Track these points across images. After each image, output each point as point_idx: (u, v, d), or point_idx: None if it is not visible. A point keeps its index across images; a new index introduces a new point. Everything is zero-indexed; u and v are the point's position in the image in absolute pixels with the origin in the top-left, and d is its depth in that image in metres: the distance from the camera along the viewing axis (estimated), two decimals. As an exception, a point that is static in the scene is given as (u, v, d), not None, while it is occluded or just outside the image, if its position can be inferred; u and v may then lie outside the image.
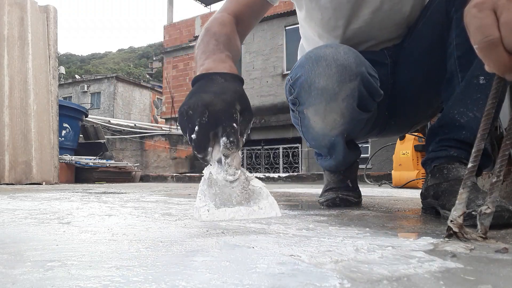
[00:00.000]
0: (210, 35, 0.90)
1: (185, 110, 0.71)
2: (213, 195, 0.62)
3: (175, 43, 12.40)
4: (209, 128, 0.69)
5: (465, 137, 0.87)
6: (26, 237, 0.62)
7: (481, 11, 0.48)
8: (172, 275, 0.39)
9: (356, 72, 0.91)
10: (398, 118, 1.20)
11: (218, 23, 0.95)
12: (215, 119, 0.69)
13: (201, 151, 0.70)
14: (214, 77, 0.74)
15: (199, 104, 0.69)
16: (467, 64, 0.88)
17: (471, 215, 0.64)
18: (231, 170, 0.66)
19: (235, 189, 0.63)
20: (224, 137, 0.68)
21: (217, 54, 0.82)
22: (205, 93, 0.71)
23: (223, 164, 0.66)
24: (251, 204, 0.61)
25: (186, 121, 0.71)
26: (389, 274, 0.39)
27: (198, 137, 0.69)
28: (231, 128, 0.69)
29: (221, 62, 0.79)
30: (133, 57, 51.47)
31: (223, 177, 0.65)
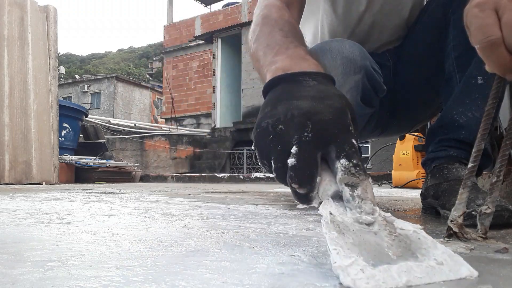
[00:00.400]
0: (271, 24, 0.70)
1: (271, 124, 0.47)
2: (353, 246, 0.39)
3: (175, 43, 12.40)
4: (316, 147, 0.45)
5: (465, 137, 0.87)
6: (26, 237, 0.62)
7: (483, 11, 0.48)
8: (172, 275, 0.39)
9: (361, 65, 0.91)
10: (399, 118, 1.21)
11: (276, 8, 0.75)
12: (323, 135, 0.45)
13: (306, 183, 0.44)
14: (302, 78, 0.52)
15: (295, 114, 0.46)
16: (465, 64, 0.88)
17: (471, 215, 0.64)
18: (367, 206, 0.43)
19: (380, 235, 0.41)
20: (344, 159, 0.44)
21: (291, 48, 0.60)
22: (300, 100, 0.47)
23: (350, 198, 0.43)
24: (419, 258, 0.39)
25: (272, 141, 0.46)
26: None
27: (301, 161, 0.44)
28: (350, 146, 0.45)
29: (301, 59, 0.57)
30: (133, 57, 51.47)
31: (354, 218, 0.42)
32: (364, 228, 0.42)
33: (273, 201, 1.54)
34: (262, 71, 0.61)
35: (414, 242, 0.41)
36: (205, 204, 1.34)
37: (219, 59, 9.62)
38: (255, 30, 0.72)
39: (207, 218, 0.89)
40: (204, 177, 5.61)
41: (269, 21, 0.71)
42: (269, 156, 0.48)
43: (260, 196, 1.92)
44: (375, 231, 0.42)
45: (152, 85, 26.60)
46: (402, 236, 0.42)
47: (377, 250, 0.40)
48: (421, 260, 0.39)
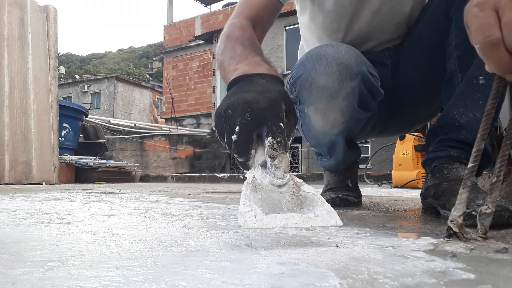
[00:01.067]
0: (233, 41, 0.85)
1: (223, 110, 0.63)
2: (259, 200, 0.54)
3: (175, 43, 12.40)
4: (252, 127, 0.62)
5: (465, 137, 0.87)
6: (26, 237, 0.62)
7: (483, 11, 0.48)
8: (172, 275, 0.39)
9: (357, 71, 0.91)
10: (399, 118, 1.21)
11: (238, 28, 0.91)
12: (259, 118, 0.61)
13: (242, 154, 0.61)
14: (254, 78, 0.68)
15: (240, 102, 0.62)
16: (466, 64, 0.88)
17: (471, 215, 0.64)
18: (279, 173, 0.57)
19: (284, 194, 0.56)
20: (270, 137, 0.60)
21: (250, 58, 0.76)
22: (246, 92, 0.63)
23: (270, 166, 0.58)
24: (304, 211, 0.54)
25: (224, 122, 0.63)
26: (389, 274, 0.39)
27: (240, 138, 0.61)
28: (277, 128, 0.61)
29: (257, 65, 0.73)
30: (133, 57, 51.46)
31: (270, 181, 0.57)
32: (274, 189, 0.57)
33: (273, 201, 1.54)
34: (227, 77, 0.75)
35: (309, 200, 0.56)
36: (205, 204, 1.34)
37: (219, 59, 9.61)
38: (221, 46, 0.87)
39: (207, 218, 0.89)
40: (204, 177, 5.61)
41: (232, 39, 0.87)
42: (223, 133, 0.64)
43: (260, 196, 1.92)
44: (282, 191, 0.56)
45: (152, 85, 26.61)
46: (301, 196, 0.57)
47: (275, 204, 0.54)
48: (305, 212, 0.55)
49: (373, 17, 1.06)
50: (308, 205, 0.55)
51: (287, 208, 0.53)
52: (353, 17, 1.06)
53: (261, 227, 0.49)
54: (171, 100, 11.66)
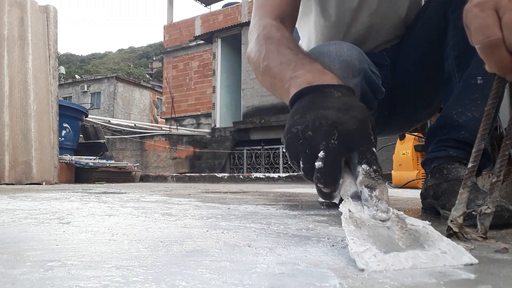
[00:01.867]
0: (275, 43, 0.75)
1: (301, 130, 0.53)
2: (368, 238, 0.45)
3: (175, 43, 12.40)
4: (340, 153, 0.52)
5: (464, 137, 0.87)
6: (26, 237, 0.62)
7: (483, 11, 0.48)
8: (172, 275, 0.39)
9: (359, 69, 0.91)
10: (398, 118, 1.21)
11: (275, 28, 0.81)
12: (348, 142, 0.52)
13: (330, 183, 0.51)
14: (327, 90, 0.57)
15: (323, 122, 0.52)
16: (464, 64, 0.88)
17: (471, 215, 0.64)
18: (382, 205, 0.49)
19: (392, 229, 0.47)
20: (365, 165, 0.51)
21: (307, 64, 0.65)
22: (326, 109, 0.53)
23: (368, 198, 0.50)
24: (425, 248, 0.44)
25: (301, 145, 0.53)
26: (389, 274, 0.39)
27: (327, 165, 0.50)
28: (371, 154, 0.53)
29: (321, 73, 0.62)
30: (133, 57, 51.46)
31: (371, 215, 0.49)
32: (378, 223, 0.48)
33: (273, 201, 1.55)
34: (282, 86, 0.65)
35: (423, 235, 0.46)
36: (205, 204, 1.34)
37: (219, 59, 9.62)
38: (261, 50, 0.76)
39: (207, 218, 0.89)
40: (204, 177, 5.61)
41: (274, 41, 0.76)
42: (298, 158, 0.54)
43: (260, 196, 1.92)
44: (388, 226, 0.48)
45: (152, 85, 26.60)
46: (412, 230, 0.47)
47: (388, 241, 0.45)
48: (427, 249, 0.44)
49: (370, 19, 1.06)
50: (425, 240, 0.46)
51: (405, 245, 0.45)
52: (352, 20, 1.07)
53: (385, 269, 0.40)
54: (171, 100, 11.66)
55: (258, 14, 0.90)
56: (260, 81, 0.80)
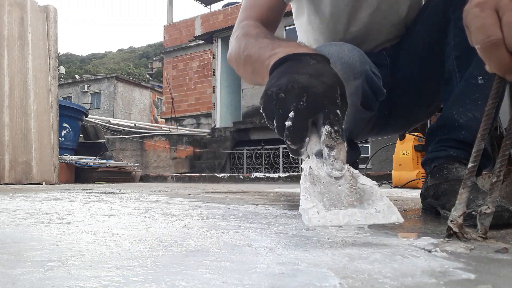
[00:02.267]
0: (254, 36, 0.81)
1: (275, 92, 0.58)
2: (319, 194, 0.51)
3: (175, 43, 12.40)
4: (308, 114, 0.56)
5: (464, 137, 0.87)
6: (26, 237, 0.62)
7: (483, 11, 0.48)
8: (172, 275, 0.39)
9: (361, 70, 0.91)
10: (398, 118, 1.21)
11: (253, 27, 0.86)
12: (315, 104, 0.56)
13: (297, 141, 0.57)
14: (303, 57, 0.62)
15: (294, 86, 0.56)
16: (465, 64, 0.88)
17: (471, 215, 0.64)
18: (337, 164, 0.54)
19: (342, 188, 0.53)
20: (328, 126, 0.56)
21: (285, 42, 0.70)
22: (299, 74, 0.58)
23: (327, 157, 0.55)
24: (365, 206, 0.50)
25: (275, 106, 0.58)
26: (389, 274, 0.39)
27: (295, 124, 0.56)
28: (335, 115, 0.56)
29: (298, 47, 0.66)
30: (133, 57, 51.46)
31: (327, 172, 0.54)
32: (332, 181, 0.54)
33: (273, 201, 1.55)
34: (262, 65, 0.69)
35: (367, 194, 0.53)
36: (205, 204, 1.34)
37: (219, 59, 9.61)
38: (240, 45, 0.82)
39: (207, 218, 0.89)
40: (204, 177, 5.61)
41: (251, 35, 0.82)
42: (272, 117, 0.59)
43: (260, 196, 1.92)
44: (340, 183, 0.54)
45: (152, 85, 26.59)
46: (359, 189, 0.54)
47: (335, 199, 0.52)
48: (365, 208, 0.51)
49: (370, 18, 1.06)
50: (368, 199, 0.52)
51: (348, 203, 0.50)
52: (350, 19, 1.07)
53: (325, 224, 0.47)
54: (171, 100, 11.66)
55: (239, 18, 0.96)
56: (242, 73, 0.84)
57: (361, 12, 1.05)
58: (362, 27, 1.08)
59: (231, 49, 0.88)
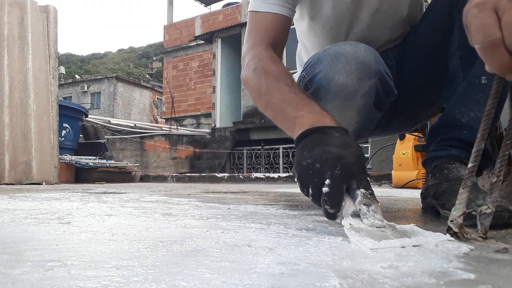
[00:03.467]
0: (274, 78, 0.86)
1: (311, 163, 0.64)
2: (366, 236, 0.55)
3: (175, 43, 12.40)
4: (342, 181, 0.62)
5: (466, 137, 0.87)
6: (26, 237, 0.62)
7: (482, 11, 0.48)
8: (172, 275, 0.39)
9: (375, 70, 0.91)
10: (401, 118, 1.21)
11: (269, 60, 0.91)
12: (348, 172, 0.63)
13: (335, 205, 0.62)
14: (328, 131, 0.69)
15: (328, 156, 0.63)
16: (469, 64, 0.88)
17: (471, 215, 0.64)
18: (378, 216, 0.60)
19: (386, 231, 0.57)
20: (363, 189, 0.62)
21: (307, 105, 0.77)
22: (330, 146, 0.65)
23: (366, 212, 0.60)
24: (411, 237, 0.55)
25: (311, 175, 0.64)
26: (389, 274, 0.39)
27: (332, 190, 0.61)
28: (367, 181, 0.64)
29: (321, 115, 0.74)
30: (133, 57, 51.46)
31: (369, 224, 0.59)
32: (374, 230, 0.58)
33: (273, 201, 1.55)
34: (286, 122, 0.79)
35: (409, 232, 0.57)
36: (205, 204, 1.34)
37: (219, 59, 9.62)
38: (261, 84, 0.87)
39: (207, 218, 0.89)
40: (204, 177, 5.61)
41: (272, 75, 0.87)
42: (308, 186, 0.65)
43: (260, 196, 1.92)
44: (382, 230, 0.57)
45: (152, 85, 26.59)
46: (401, 230, 0.58)
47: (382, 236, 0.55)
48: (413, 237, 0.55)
49: (372, 18, 1.06)
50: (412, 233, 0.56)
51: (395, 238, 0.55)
52: (352, 21, 1.07)
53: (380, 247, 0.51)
54: (171, 100, 11.66)
55: (251, 40, 0.98)
56: (260, 109, 0.90)
57: (363, 13, 1.05)
58: (365, 28, 1.08)
59: (247, 78, 0.93)
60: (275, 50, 0.97)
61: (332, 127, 0.70)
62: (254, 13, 1.00)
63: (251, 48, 0.97)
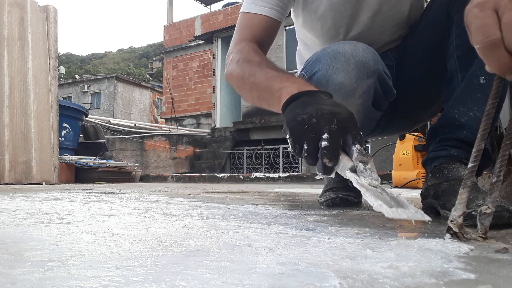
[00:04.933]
0: (257, 64, 0.88)
1: (307, 118, 0.64)
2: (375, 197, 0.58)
3: (175, 43, 12.39)
4: (339, 135, 0.63)
5: (466, 137, 0.87)
6: (26, 237, 0.62)
7: (483, 11, 0.48)
8: (172, 275, 0.39)
9: (374, 69, 0.91)
10: (400, 118, 1.21)
11: (252, 51, 0.93)
12: (344, 127, 0.64)
13: (333, 158, 0.63)
14: (316, 94, 0.70)
15: (324, 112, 0.64)
16: (467, 64, 0.88)
17: (471, 215, 0.64)
18: (375, 175, 0.62)
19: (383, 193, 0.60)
20: (358, 144, 0.64)
21: (292, 77, 0.78)
22: (323, 105, 0.66)
23: (363, 170, 0.62)
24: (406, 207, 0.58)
25: (307, 130, 0.64)
26: (389, 274, 0.39)
27: (330, 143, 0.62)
28: (360, 136, 0.65)
29: (305, 84, 0.75)
30: (133, 57, 51.47)
31: (368, 182, 0.61)
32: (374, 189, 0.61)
33: (273, 201, 1.55)
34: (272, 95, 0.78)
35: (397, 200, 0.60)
36: (205, 204, 1.34)
37: (219, 59, 9.61)
38: (244, 70, 0.89)
39: (207, 218, 0.89)
40: (204, 177, 5.61)
41: (254, 63, 0.88)
42: (301, 141, 0.65)
43: (260, 196, 1.92)
44: (380, 191, 0.61)
45: (152, 85, 26.58)
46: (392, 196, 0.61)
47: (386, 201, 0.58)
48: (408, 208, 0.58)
49: (372, 20, 1.06)
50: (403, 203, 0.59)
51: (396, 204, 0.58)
52: (351, 22, 1.06)
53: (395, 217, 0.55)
54: (171, 100, 11.66)
55: (235, 38, 1.01)
56: (246, 95, 0.91)
57: (363, 14, 1.05)
58: (364, 30, 1.07)
59: (232, 70, 0.94)
60: (260, 47, 0.98)
61: (319, 91, 0.71)
62: (242, 14, 1.03)
63: (235, 45, 0.99)
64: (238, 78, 0.92)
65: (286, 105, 0.71)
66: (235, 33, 1.03)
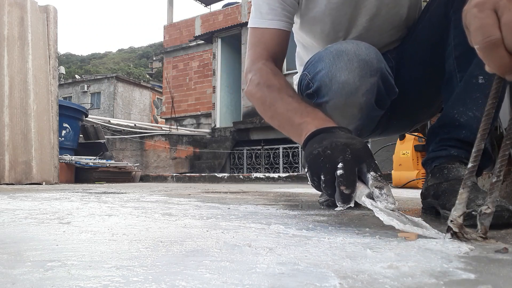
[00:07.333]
0: (277, 90, 0.91)
1: (321, 150, 0.68)
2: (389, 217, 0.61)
3: (175, 43, 12.39)
4: (354, 163, 0.66)
5: (465, 137, 0.87)
6: (26, 237, 0.62)
7: (482, 11, 0.48)
8: (172, 275, 0.39)
9: (377, 68, 0.91)
10: (400, 118, 1.21)
11: (271, 74, 0.95)
12: (358, 156, 0.67)
13: (350, 186, 0.65)
14: (334, 130, 0.74)
15: (338, 144, 0.68)
16: (465, 64, 0.88)
17: (471, 215, 0.64)
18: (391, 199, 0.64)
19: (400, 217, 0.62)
20: (373, 172, 0.66)
21: (312, 112, 0.82)
22: (338, 138, 0.70)
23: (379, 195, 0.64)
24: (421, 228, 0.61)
25: (322, 161, 0.67)
26: (389, 274, 0.39)
27: (346, 171, 0.65)
28: (375, 164, 0.68)
29: (325, 120, 0.79)
30: (133, 57, 51.48)
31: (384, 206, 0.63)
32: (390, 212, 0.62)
33: (273, 201, 1.55)
34: (292, 129, 0.84)
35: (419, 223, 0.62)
36: (205, 204, 1.34)
37: (219, 59, 9.61)
38: (265, 96, 0.93)
39: (207, 218, 0.89)
40: (204, 177, 5.61)
41: (274, 89, 0.92)
42: (319, 173, 0.68)
43: (260, 196, 1.92)
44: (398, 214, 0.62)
45: (152, 85, 26.57)
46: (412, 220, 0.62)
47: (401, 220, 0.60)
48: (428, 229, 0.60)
49: (371, 23, 1.06)
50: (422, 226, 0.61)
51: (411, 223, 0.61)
52: (350, 25, 1.07)
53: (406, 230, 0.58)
54: (171, 100, 11.65)
55: (251, 56, 1.02)
56: (266, 119, 0.95)
57: (361, 17, 1.06)
58: (363, 32, 1.08)
59: (252, 92, 0.97)
60: (276, 63, 1.01)
61: (337, 127, 0.75)
62: (253, 29, 1.04)
63: (253, 64, 1.01)
64: (258, 103, 0.96)
65: (306, 142, 0.75)
66: (249, 49, 1.05)
